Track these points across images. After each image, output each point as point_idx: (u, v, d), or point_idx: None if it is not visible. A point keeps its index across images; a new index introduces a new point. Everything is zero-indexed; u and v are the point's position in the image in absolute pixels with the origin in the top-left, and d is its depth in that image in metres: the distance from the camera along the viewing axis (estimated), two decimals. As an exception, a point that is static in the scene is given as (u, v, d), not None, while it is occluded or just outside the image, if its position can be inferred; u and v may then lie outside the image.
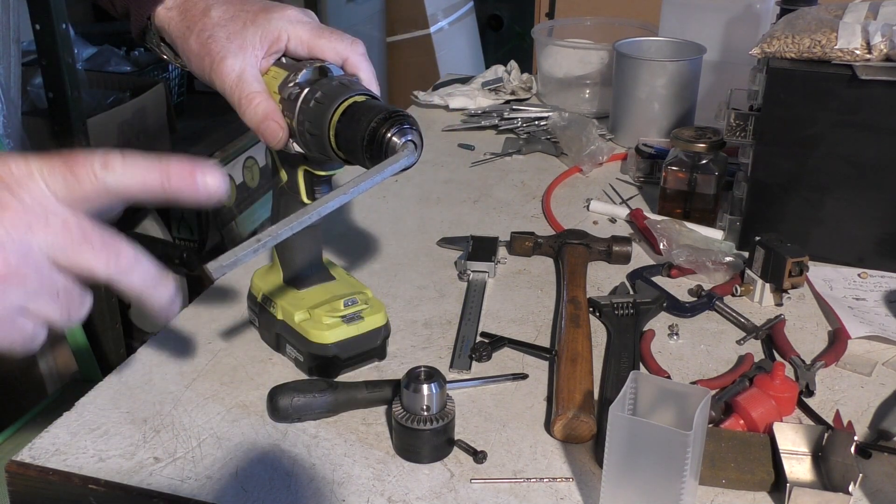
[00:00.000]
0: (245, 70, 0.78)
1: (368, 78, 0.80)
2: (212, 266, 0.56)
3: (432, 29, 3.34)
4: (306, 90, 0.76)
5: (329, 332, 0.85)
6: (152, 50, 0.87)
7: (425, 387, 0.76)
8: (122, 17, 0.89)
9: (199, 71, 0.80)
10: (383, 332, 0.89)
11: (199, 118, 2.23)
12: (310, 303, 0.88)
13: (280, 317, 0.89)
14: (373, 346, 0.89)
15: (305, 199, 0.84)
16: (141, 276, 0.54)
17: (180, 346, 0.93)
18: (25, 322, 0.52)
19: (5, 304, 0.51)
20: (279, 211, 0.88)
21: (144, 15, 0.84)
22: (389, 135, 0.70)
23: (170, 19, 0.82)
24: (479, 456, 0.77)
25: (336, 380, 0.85)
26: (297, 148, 0.79)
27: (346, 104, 0.73)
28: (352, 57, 0.79)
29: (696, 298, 1.02)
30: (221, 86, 0.78)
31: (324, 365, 0.86)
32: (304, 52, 0.80)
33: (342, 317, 0.86)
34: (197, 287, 2.17)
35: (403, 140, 0.70)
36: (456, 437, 0.78)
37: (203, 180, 0.54)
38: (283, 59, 0.81)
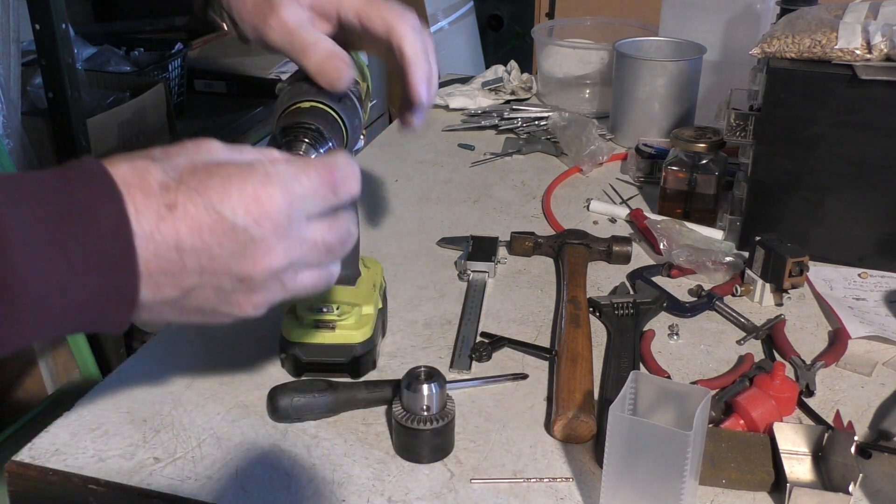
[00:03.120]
0: (304, 21, 0.75)
1: (413, 52, 0.75)
2: None
3: (432, 29, 3.33)
4: (287, 87, 0.76)
5: (294, 329, 0.85)
6: (214, 20, 0.84)
7: (425, 387, 0.76)
8: None
9: (252, 25, 0.77)
10: (357, 351, 0.86)
11: (199, 118, 2.23)
12: (307, 297, 0.87)
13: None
14: (339, 361, 0.86)
15: None
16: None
17: (180, 346, 0.93)
18: None
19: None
20: None
21: None
22: (283, 142, 0.69)
23: None
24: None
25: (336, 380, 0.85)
26: None
27: (291, 108, 0.72)
28: (398, 26, 0.74)
29: (696, 298, 1.02)
30: (280, 30, 0.74)
31: (286, 359, 0.87)
32: (355, 20, 0.75)
33: (313, 320, 0.85)
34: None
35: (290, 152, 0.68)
36: (456, 437, 0.78)
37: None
38: None
